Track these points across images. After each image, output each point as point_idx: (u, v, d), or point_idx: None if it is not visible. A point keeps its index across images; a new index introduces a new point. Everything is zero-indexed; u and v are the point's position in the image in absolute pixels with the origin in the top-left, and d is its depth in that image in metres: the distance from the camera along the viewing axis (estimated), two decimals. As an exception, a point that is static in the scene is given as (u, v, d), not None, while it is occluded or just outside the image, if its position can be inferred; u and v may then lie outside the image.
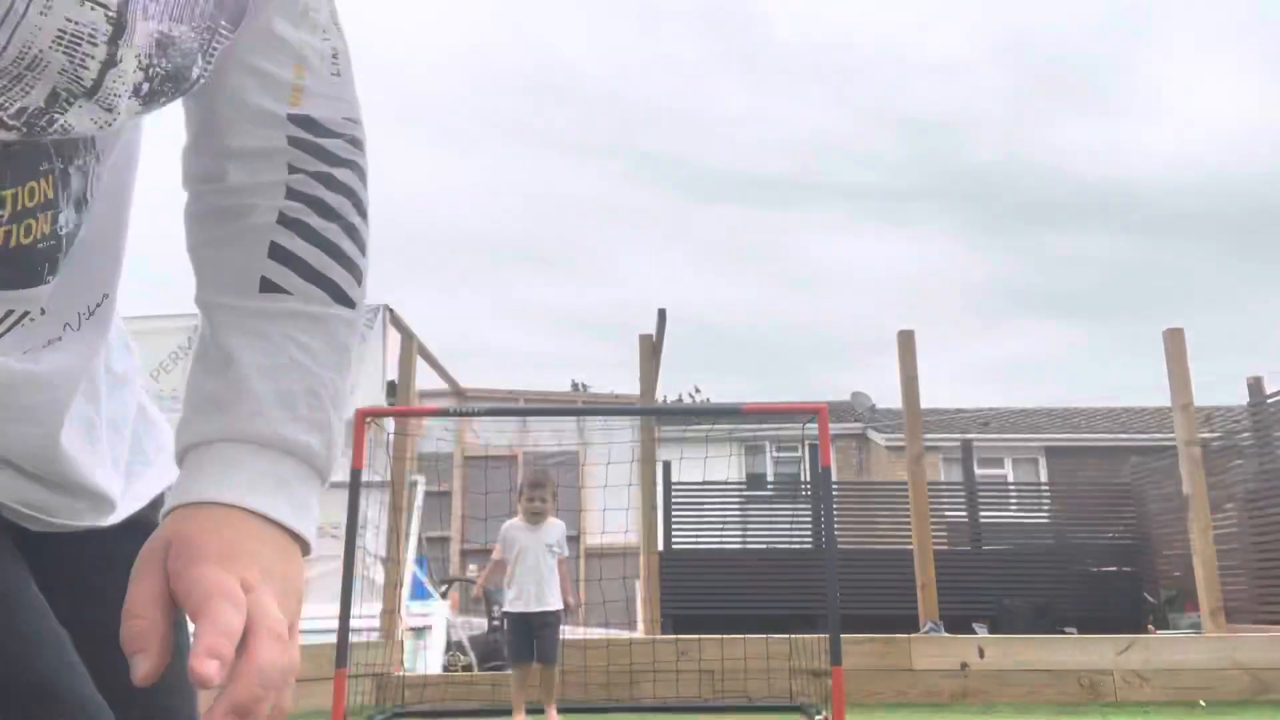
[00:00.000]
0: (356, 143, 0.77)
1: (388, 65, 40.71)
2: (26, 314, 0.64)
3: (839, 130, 45.01)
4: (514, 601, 4.85)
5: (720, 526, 9.99)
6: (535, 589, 4.79)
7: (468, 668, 7.24)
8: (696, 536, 9.84)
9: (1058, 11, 37.18)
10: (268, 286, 0.70)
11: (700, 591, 9.37)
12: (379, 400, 7.97)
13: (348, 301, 0.73)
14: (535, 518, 4.97)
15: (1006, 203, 44.20)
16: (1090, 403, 24.29)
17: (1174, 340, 6.62)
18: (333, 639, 4.71)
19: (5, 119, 0.55)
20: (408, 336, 8.08)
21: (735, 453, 18.60)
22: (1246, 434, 8.47)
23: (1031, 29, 37.99)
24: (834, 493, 7.83)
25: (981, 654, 5.63)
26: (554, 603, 4.82)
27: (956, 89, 40.71)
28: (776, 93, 42.93)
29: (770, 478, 18.62)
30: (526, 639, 4.82)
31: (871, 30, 41.49)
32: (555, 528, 5.00)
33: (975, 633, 8.57)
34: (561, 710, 5.46)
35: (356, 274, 0.74)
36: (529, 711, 4.91)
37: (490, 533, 9.50)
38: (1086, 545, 10.19)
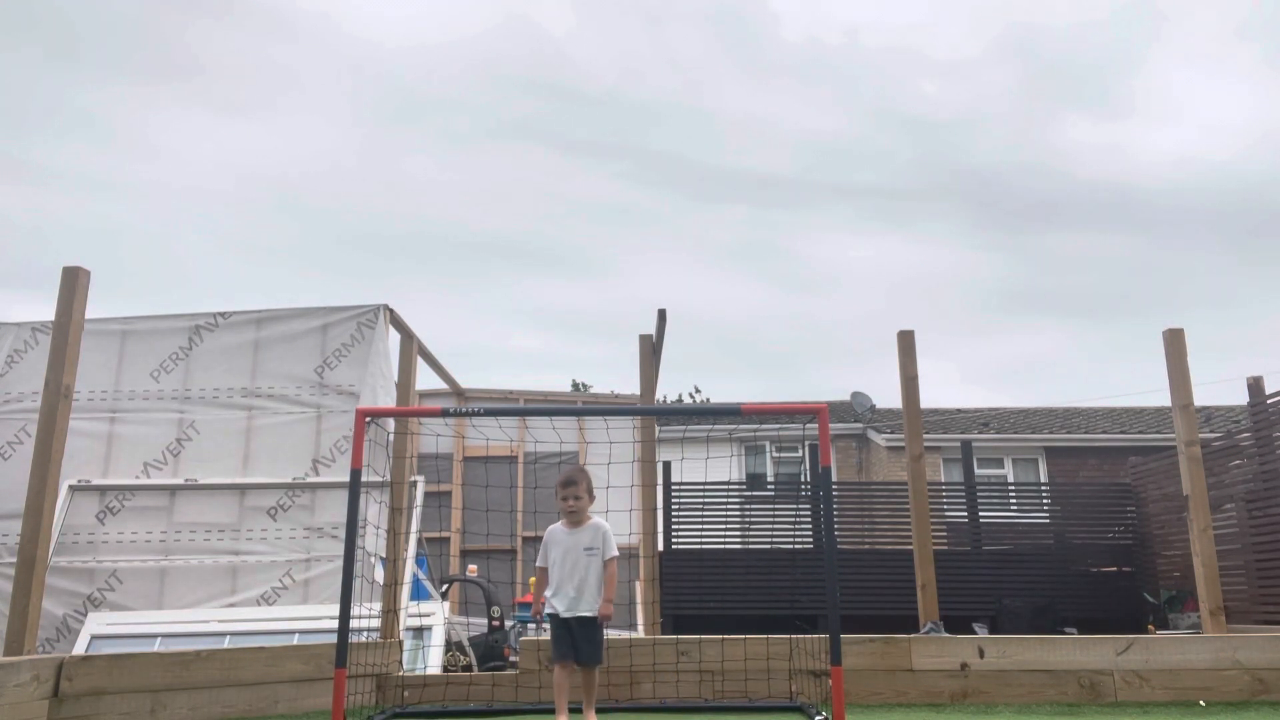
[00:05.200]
0: None
1: (389, 64, 40.74)
2: None
3: (842, 130, 45.00)
4: (553, 603, 4.80)
5: (720, 526, 9.98)
6: (575, 592, 4.75)
7: (467, 668, 7.24)
8: (697, 537, 9.84)
9: (1062, 12, 37.18)
10: None
11: (700, 591, 9.37)
12: (391, 401, 7.96)
13: None
14: (571, 517, 4.88)
15: (1008, 203, 44.19)
16: (1090, 403, 24.33)
17: (1174, 340, 6.61)
18: (332, 639, 4.72)
19: None
20: (408, 336, 8.08)
21: (735, 453, 18.63)
22: (1246, 434, 8.47)
23: (1035, 29, 37.99)
24: (834, 493, 7.84)
25: (981, 654, 5.63)
26: (592, 607, 4.75)
27: (960, 89, 40.71)
28: (780, 92, 42.90)
29: (770, 478, 18.65)
30: (565, 638, 4.76)
31: (876, 30, 41.48)
32: (591, 529, 4.88)
33: (975, 633, 8.59)
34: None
35: None
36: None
37: (491, 531, 9.56)
38: (1086, 545, 10.19)
